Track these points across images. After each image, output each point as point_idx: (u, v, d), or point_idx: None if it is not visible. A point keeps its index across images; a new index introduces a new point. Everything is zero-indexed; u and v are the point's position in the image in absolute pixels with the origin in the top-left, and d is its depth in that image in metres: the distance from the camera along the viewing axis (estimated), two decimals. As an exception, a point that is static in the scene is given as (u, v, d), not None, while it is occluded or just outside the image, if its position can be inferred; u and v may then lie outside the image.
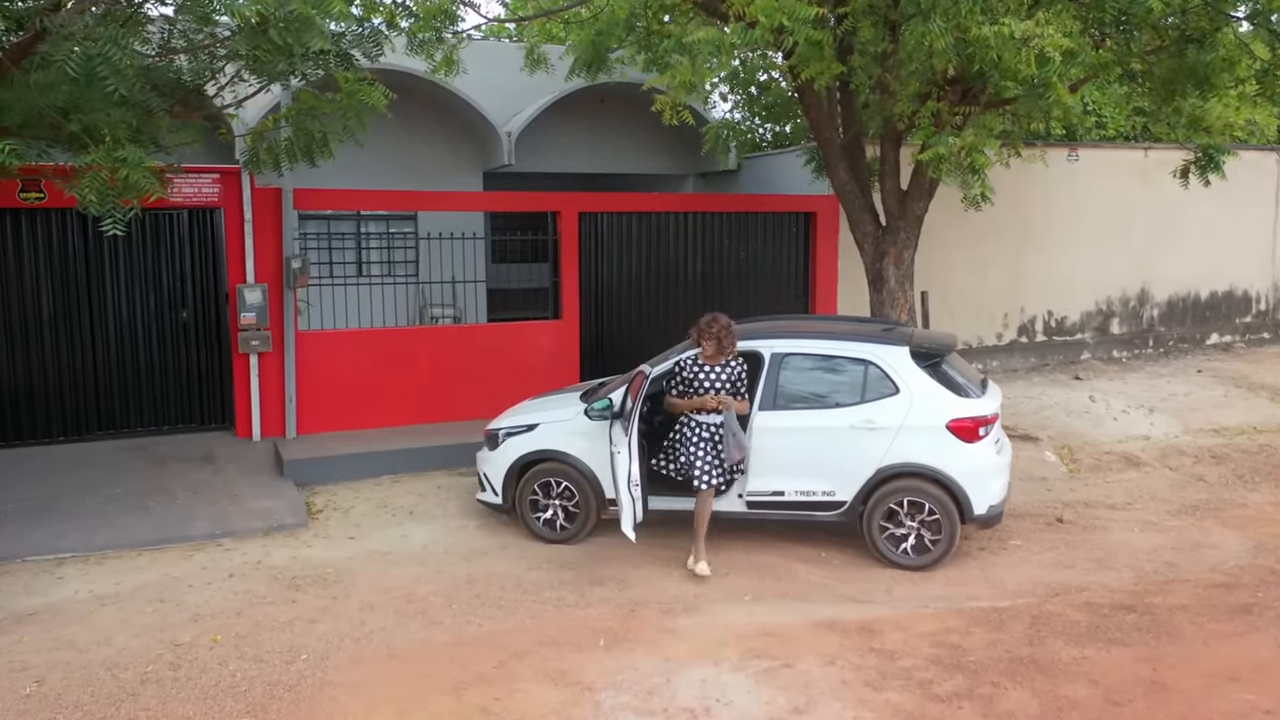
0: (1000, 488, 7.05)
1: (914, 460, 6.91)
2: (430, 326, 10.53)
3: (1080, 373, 13.60)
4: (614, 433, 6.94)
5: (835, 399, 7.19)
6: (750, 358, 7.32)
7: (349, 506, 8.70)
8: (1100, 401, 12.02)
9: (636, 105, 14.61)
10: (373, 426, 10.28)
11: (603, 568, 7.21)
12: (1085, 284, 14.25)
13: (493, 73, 13.95)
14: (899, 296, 10.20)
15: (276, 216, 9.73)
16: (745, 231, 11.95)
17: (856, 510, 7.06)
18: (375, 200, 10.68)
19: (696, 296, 11.76)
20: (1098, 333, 14.45)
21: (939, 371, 7.10)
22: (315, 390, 10.02)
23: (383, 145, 13.59)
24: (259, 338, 9.62)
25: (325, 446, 9.64)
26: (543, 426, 7.76)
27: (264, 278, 9.71)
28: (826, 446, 7.05)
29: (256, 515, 8.20)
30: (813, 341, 7.31)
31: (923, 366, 7.05)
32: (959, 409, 6.92)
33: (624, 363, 11.46)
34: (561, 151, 14.61)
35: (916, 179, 9.82)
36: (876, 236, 10.16)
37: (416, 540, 7.89)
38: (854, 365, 7.17)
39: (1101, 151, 14.45)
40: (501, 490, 7.82)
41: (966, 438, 6.87)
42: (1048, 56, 6.13)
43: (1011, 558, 7.29)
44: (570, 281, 11.06)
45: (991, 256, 13.50)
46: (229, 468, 9.24)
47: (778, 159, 13.94)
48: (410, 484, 9.30)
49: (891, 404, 6.99)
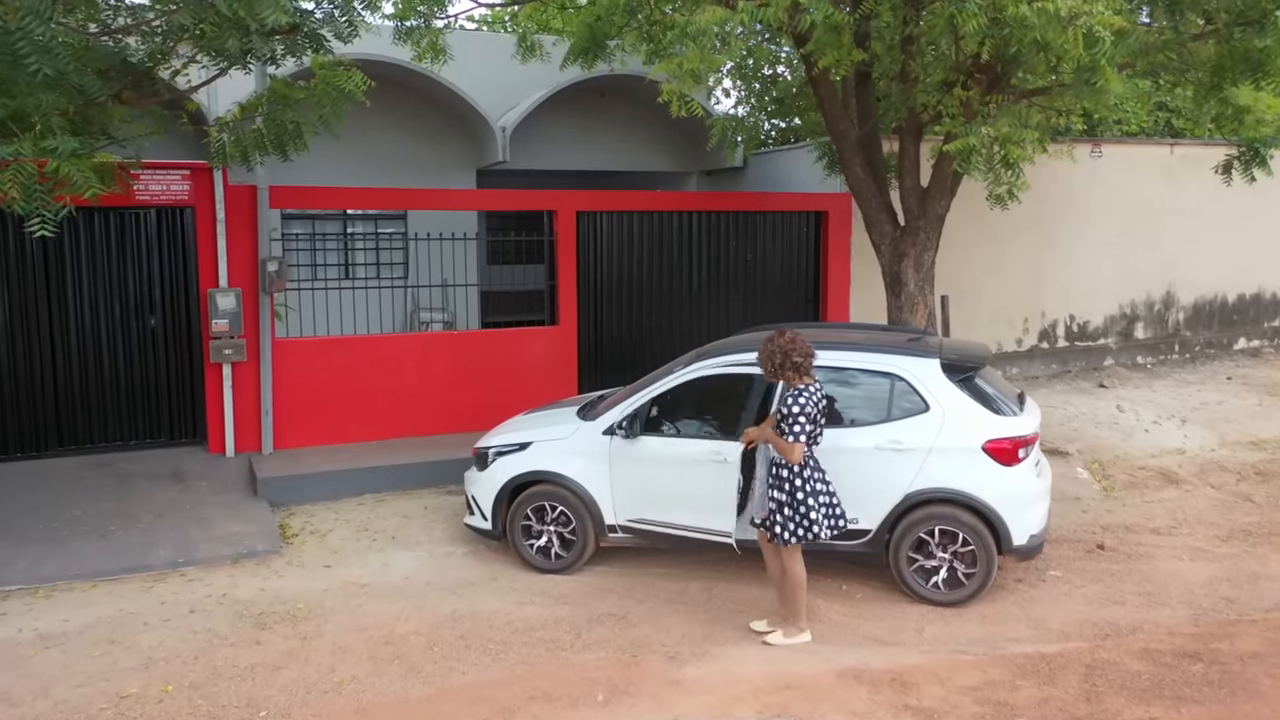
0: (1041, 515, 6.38)
1: (946, 485, 6.24)
2: (418, 333, 9.88)
3: (1104, 380, 12.92)
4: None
5: (858, 417, 6.52)
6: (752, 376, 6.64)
7: (327, 530, 8.03)
8: (1129, 411, 11.35)
9: (637, 99, 13.97)
10: (356, 441, 9.62)
11: (601, 602, 6.54)
12: (1108, 287, 13.58)
13: (486, 65, 13.29)
14: (918, 301, 9.53)
15: (252, 216, 9.06)
16: (752, 232, 11.29)
17: (882, 539, 6.39)
18: (359, 198, 10.01)
19: (701, 301, 11.11)
20: (1121, 338, 13.77)
21: (972, 386, 6.43)
22: (294, 402, 9.36)
23: (370, 141, 12.95)
24: (232, 346, 8.95)
25: (304, 463, 8.98)
26: (536, 445, 7.10)
27: (238, 282, 9.04)
28: (848, 469, 6.35)
29: (225, 541, 7.53)
30: (832, 353, 6.62)
31: (955, 381, 6.37)
32: (996, 428, 6.25)
33: (624, 372, 10.81)
34: (559, 148, 13.94)
35: (938, 175, 9.15)
36: (894, 237, 9.50)
37: (398, 569, 7.22)
38: (878, 379, 6.49)
39: (1125, 148, 13.77)
40: (491, 515, 7.15)
41: (1004, 460, 6.20)
42: (1097, 36, 5.47)
43: (1052, 591, 6.62)
44: (568, 285, 10.39)
45: (1010, 258, 12.83)
46: (199, 487, 8.57)
47: (786, 155, 13.27)
48: (395, 504, 8.64)
49: (921, 423, 6.32)
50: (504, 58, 13.59)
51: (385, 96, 13.04)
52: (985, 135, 6.31)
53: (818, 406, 5.69)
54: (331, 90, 7.22)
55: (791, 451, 5.59)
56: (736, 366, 6.70)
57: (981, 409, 6.32)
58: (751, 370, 6.50)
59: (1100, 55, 5.49)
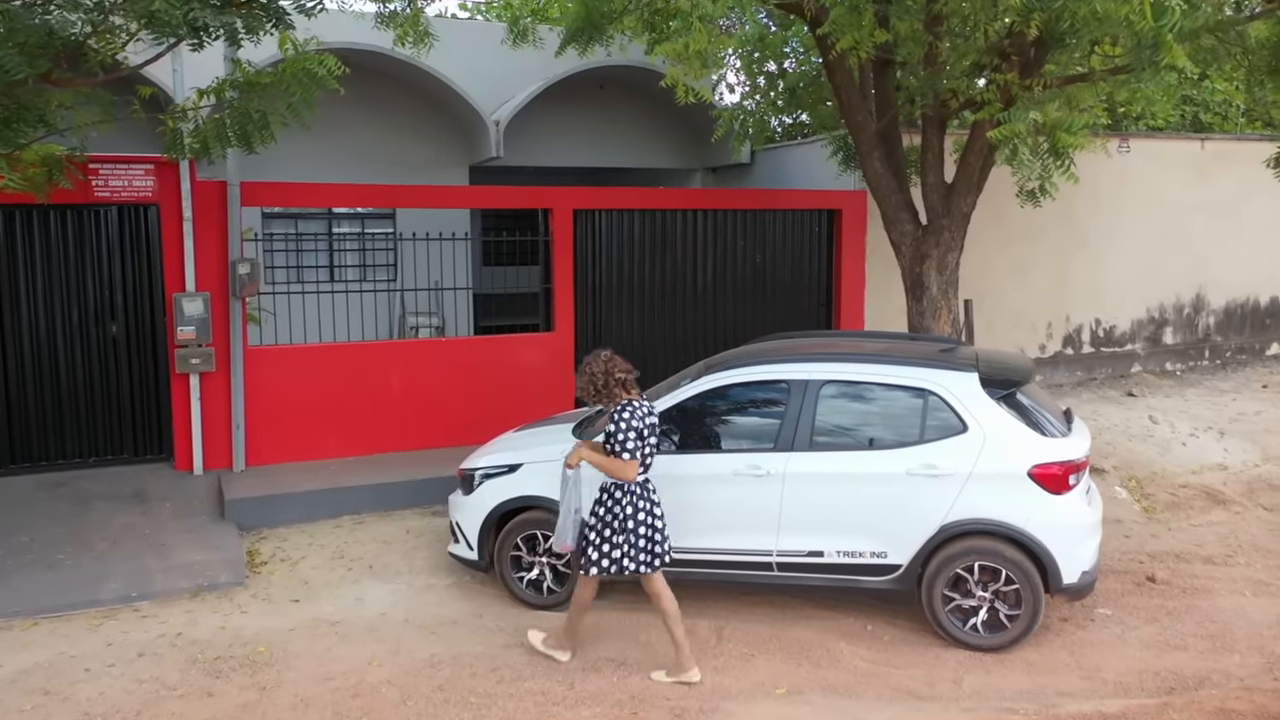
0: (1093, 549, 5.67)
1: (987, 516, 5.54)
2: (402, 341, 9.19)
3: (1133, 388, 12.21)
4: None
5: (885, 438, 5.82)
6: (779, 387, 5.97)
7: (299, 557, 7.33)
8: (1163, 423, 10.64)
9: (639, 92, 13.28)
10: (335, 456, 8.92)
11: (598, 644, 5.84)
12: (1135, 289, 12.86)
13: (480, 56, 12.61)
14: (941, 306, 8.84)
15: (221, 214, 8.36)
16: (761, 231, 10.59)
17: (914, 576, 5.69)
18: (336, 195, 9.31)
19: (707, 305, 10.41)
20: (1149, 343, 13.06)
21: (1015, 403, 5.73)
22: (268, 415, 8.66)
23: (357, 137, 12.27)
24: (200, 355, 8.26)
25: (278, 481, 8.28)
26: (527, 467, 6.39)
27: (206, 285, 8.34)
28: (877, 497, 5.68)
29: (185, 572, 6.83)
30: (858, 365, 5.94)
31: (996, 398, 5.67)
32: (1043, 451, 5.54)
33: (625, 381, 10.11)
34: (556, 143, 13.25)
35: (964, 169, 8.46)
36: (916, 237, 8.80)
37: (374, 604, 6.52)
38: (908, 396, 5.79)
39: (1154, 142, 13.06)
40: (477, 544, 6.45)
41: (1053, 487, 5.49)
42: (1166, 6, 4.77)
43: (1103, 633, 5.91)
44: (564, 288, 9.69)
45: (1033, 259, 12.12)
46: (162, 509, 7.87)
47: (796, 151, 12.56)
48: (375, 527, 7.94)
49: (958, 445, 5.61)
50: (498, 48, 12.85)
51: (373, 89, 12.39)
52: (1032, 121, 5.61)
53: (645, 423, 5.24)
54: (301, 76, 6.55)
55: (625, 470, 5.17)
56: (767, 374, 6.05)
57: (1026, 429, 5.62)
58: (787, 377, 5.91)
59: (1168, 28, 4.80)
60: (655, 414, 5.37)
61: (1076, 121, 5.61)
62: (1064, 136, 5.58)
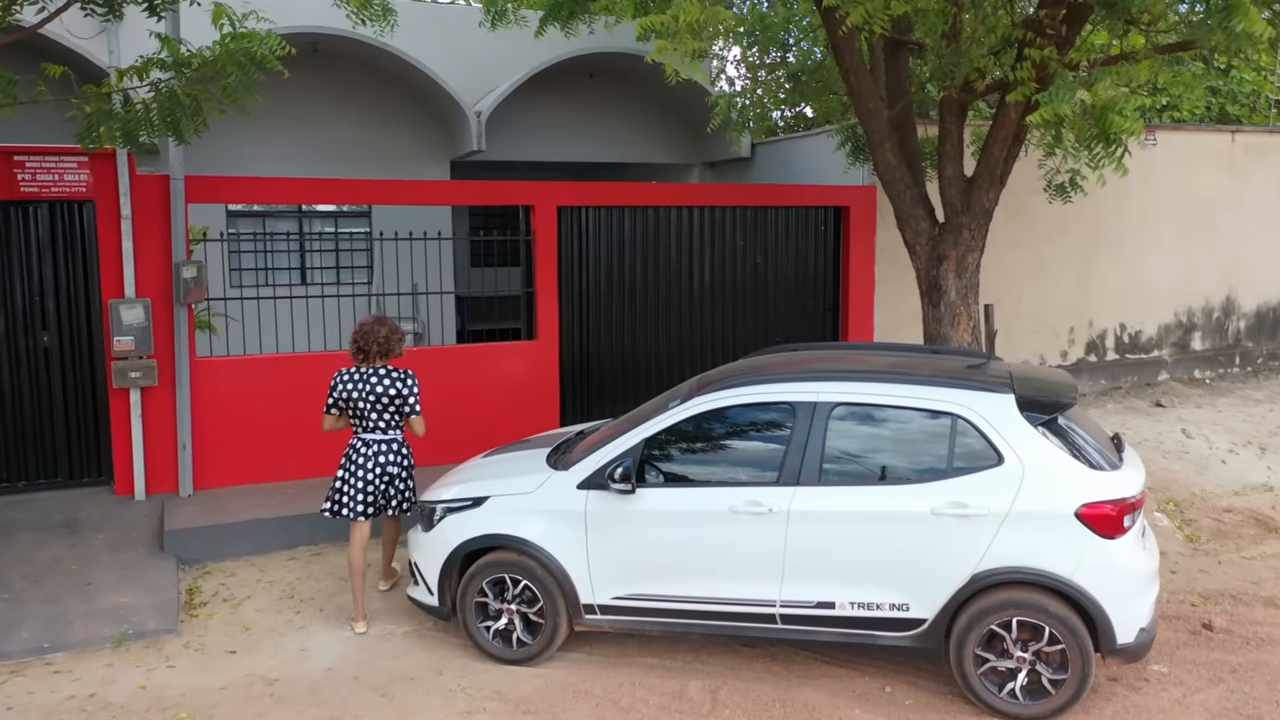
0: (1151, 603, 4.85)
1: (1027, 564, 4.72)
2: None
3: (1161, 398, 11.39)
4: None
5: (908, 471, 5.00)
6: (782, 409, 5.16)
7: (244, 596, 6.53)
8: (1198, 437, 9.83)
9: (632, 82, 12.46)
10: (296, 478, 8.12)
11: (575, 709, 5.03)
12: (1162, 291, 12.04)
13: (461, 43, 11.82)
14: (960, 312, 8.03)
15: (164, 212, 7.56)
16: (762, 230, 9.78)
17: (940, 632, 4.87)
18: (294, 190, 8.47)
19: (704, 311, 9.61)
20: (1177, 349, 12.24)
21: (1058, 430, 4.91)
22: (219, 434, 7.86)
23: (330, 130, 11.46)
24: (139, 368, 7.45)
25: (226, 508, 7.48)
26: (494, 501, 5.58)
27: (148, 291, 7.54)
28: (897, 541, 4.87)
29: (110, 617, 6.03)
30: (874, 385, 5.12)
31: (1037, 424, 4.86)
32: (1094, 488, 4.73)
33: (614, 394, 9.30)
34: (544, 137, 12.44)
35: (985, 161, 7.66)
36: (933, 236, 7.99)
37: (320, 656, 5.71)
38: (934, 421, 4.98)
39: (1182, 135, 12.23)
40: (437, 588, 5.64)
41: (1105, 530, 4.67)
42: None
43: (1160, 698, 5.08)
44: (548, 293, 8.89)
45: (1053, 259, 11.31)
46: (94, 541, 7.07)
47: (800, 144, 11.74)
48: (333, 560, 7.13)
49: (993, 479, 4.80)
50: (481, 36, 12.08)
51: (346, 78, 11.57)
52: (1078, 102, 4.79)
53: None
54: (238, 56, 5.76)
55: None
56: (768, 395, 5.23)
57: (1073, 461, 4.80)
58: (792, 398, 5.14)
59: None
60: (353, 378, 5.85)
61: (1131, 102, 4.80)
62: (1117, 119, 4.77)
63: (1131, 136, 4.81)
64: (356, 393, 5.78)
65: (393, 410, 5.84)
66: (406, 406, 5.86)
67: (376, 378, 5.81)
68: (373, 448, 5.88)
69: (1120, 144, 4.91)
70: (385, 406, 5.82)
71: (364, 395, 5.78)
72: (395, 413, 5.86)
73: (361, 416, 5.85)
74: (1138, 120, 4.86)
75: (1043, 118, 4.95)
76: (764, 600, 5.07)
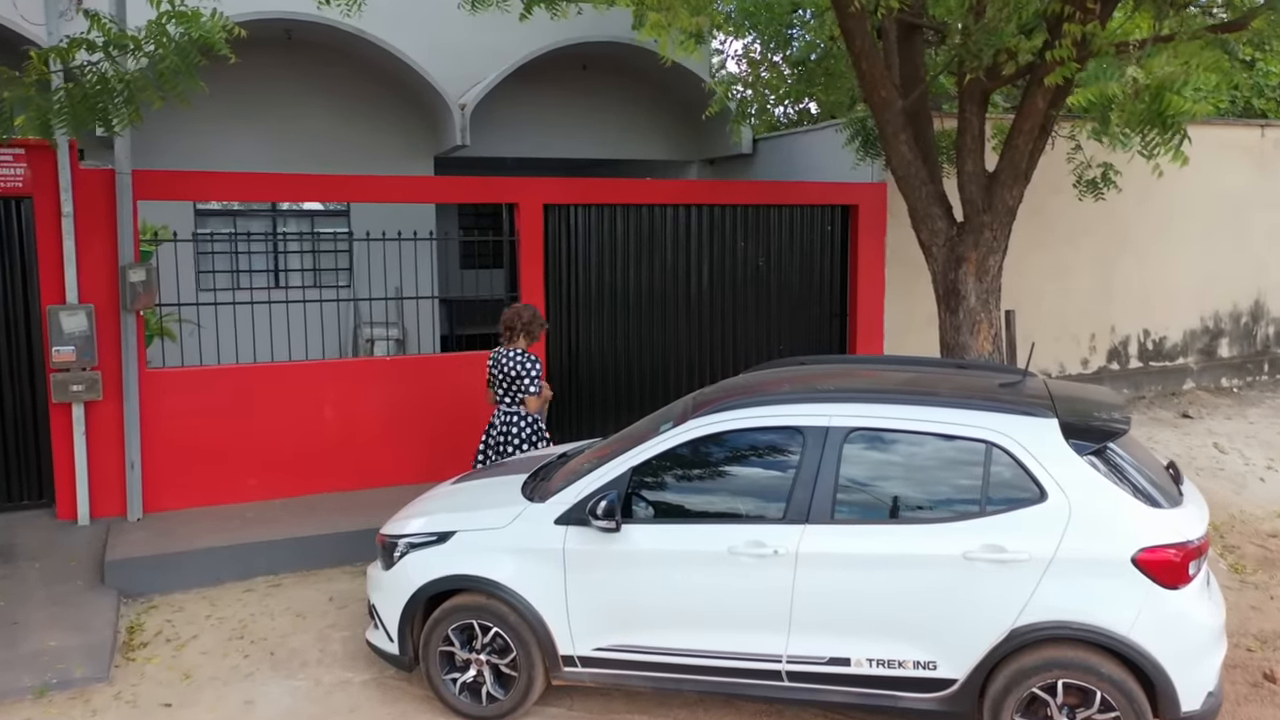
0: (1219, 663, 4.19)
1: (1076, 618, 4.06)
2: (340, 360, 7.74)
3: (1188, 408, 10.74)
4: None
5: (936, 508, 4.34)
6: (790, 435, 4.50)
7: (190, 636, 5.87)
8: (1231, 452, 9.18)
9: (627, 74, 11.80)
10: (257, 499, 7.48)
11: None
12: (1188, 295, 11.40)
13: (445, 32, 11.16)
14: (981, 319, 7.37)
15: (110, 209, 6.90)
16: (764, 230, 9.13)
17: (972, 694, 4.21)
18: (256, 187, 7.79)
19: (700, 317, 8.96)
20: (1203, 356, 11.58)
21: (1110, 460, 4.25)
22: (172, 451, 7.21)
23: (307, 124, 10.80)
24: (82, 380, 6.80)
25: (177, 535, 6.82)
26: (461, 537, 4.92)
27: (91, 296, 6.88)
28: (923, 589, 4.21)
29: (33, 663, 5.37)
30: (895, 407, 4.47)
31: (1086, 453, 4.19)
32: (1153, 529, 4.07)
33: (605, 407, 8.64)
34: (534, 132, 11.79)
35: (1009, 154, 7.01)
36: (950, 236, 7.34)
37: (266, 710, 5.05)
38: (967, 450, 4.31)
39: (1208, 130, 11.52)
40: (398, 634, 4.98)
41: (1167, 579, 4.01)
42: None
43: (1225, 767, 4.42)
44: (533, 298, 8.22)
45: (1073, 261, 10.66)
46: (29, 572, 6.41)
47: (805, 138, 11.08)
48: (292, 592, 6.48)
49: (1034, 518, 4.14)
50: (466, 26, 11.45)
51: (324, 69, 10.89)
52: (1129, 80, 4.13)
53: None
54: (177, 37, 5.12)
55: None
56: (774, 418, 4.57)
57: (1128, 497, 4.14)
58: (800, 422, 4.48)
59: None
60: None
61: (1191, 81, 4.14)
62: (1175, 100, 4.11)
63: (1192, 119, 4.15)
64: (496, 369, 6.48)
65: (517, 387, 6.43)
66: (520, 385, 6.41)
67: (508, 357, 6.43)
68: (500, 418, 6.56)
69: (1179, 129, 4.26)
70: (511, 383, 6.41)
71: (498, 372, 6.47)
72: (517, 389, 6.44)
73: (498, 389, 6.53)
74: (1198, 101, 4.21)
75: (1088, 98, 4.28)
76: (768, 655, 4.41)
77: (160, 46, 5.18)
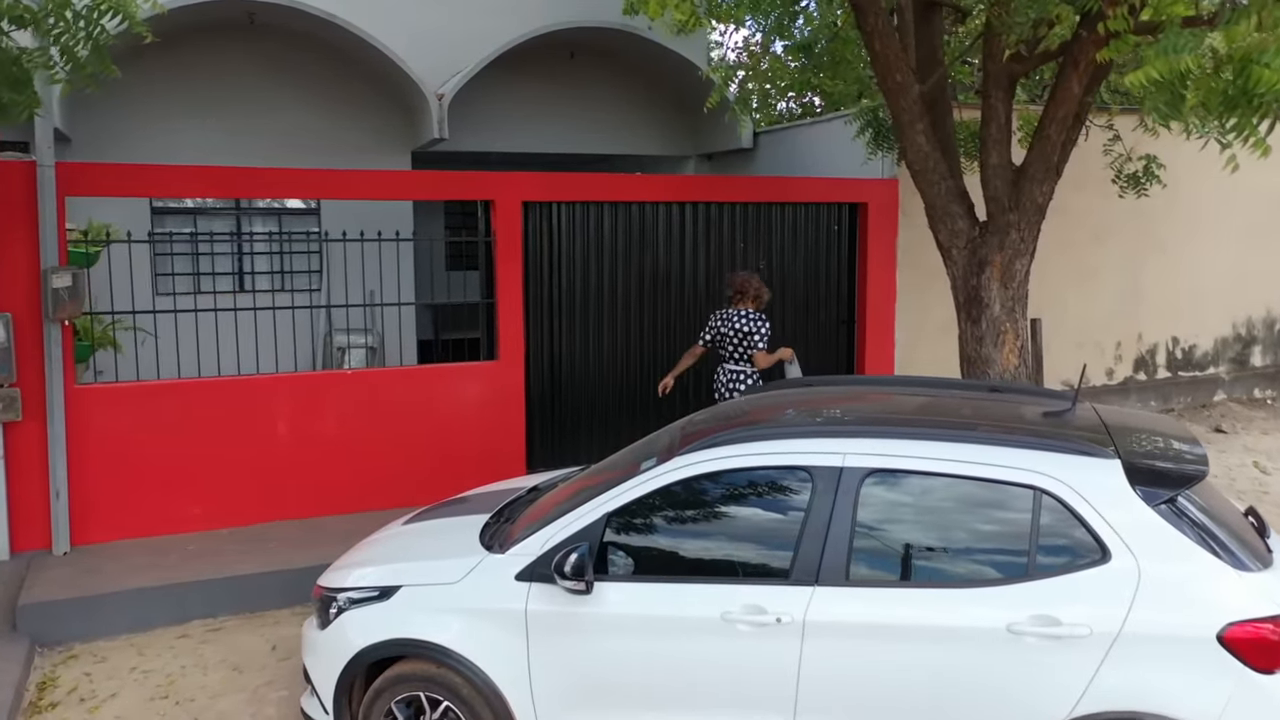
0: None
1: (1149, 707, 3.30)
2: (297, 374, 6.99)
3: (1221, 422, 10.00)
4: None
5: (972, 569, 3.58)
6: (795, 476, 3.75)
7: (108, 694, 5.13)
8: (1275, 473, 8.44)
9: (618, 63, 11.04)
10: (202, 529, 6.74)
11: None
12: (1219, 300, 10.66)
13: (423, 18, 10.46)
14: (1006, 329, 6.65)
15: (30, 207, 6.15)
16: (766, 230, 8.39)
17: (1018, 798, 3.45)
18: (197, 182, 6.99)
19: (696, 324, 8.19)
20: (1235, 365, 10.83)
21: (1182, 511, 3.49)
22: (105, 476, 6.47)
23: (274, 116, 10.05)
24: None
25: (106, 572, 6.07)
26: (407, 592, 4.16)
27: (8, 304, 6.13)
28: (957, 669, 3.45)
29: (-85, 732, 4.63)
30: (922, 444, 3.71)
31: (1157, 503, 3.44)
32: (1243, 598, 3.31)
33: (591, 426, 7.89)
34: (520, 126, 11.05)
35: (1040, 145, 6.30)
36: (972, 237, 6.62)
37: (179, 796, 4.31)
38: (1012, 497, 3.56)
39: (1241, 123, 10.80)
40: (334, 705, 4.22)
41: (1263, 661, 3.26)
42: None
43: None
44: (511, 304, 7.49)
45: (1098, 264, 9.92)
46: (-68, 616, 5.67)
47: (810, 131, 10.33)
48: (232, 638, 5.74)
49: (1096, 583, 3.39)
50: (446, 10, 10.74)
51: (290, 57, 10.06)
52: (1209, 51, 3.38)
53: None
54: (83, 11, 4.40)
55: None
56: (775, 455, 3.81)
57: (1210, 557, 3.38)
58: (808, 461, 3.72)
59: None
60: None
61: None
62: (1264, 73, 3.37)
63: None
64: (725, 327, 6.76)
65: (748, 344, 6.71)
66: (750, 342, 6.70)
67: (741, 317, 6.73)
68: (729, 374, 6.81)
69: (1270, 109, 3.51)
70: (742, 339, 6.70)
71: (727, 330, 6.74)
72: (747, 346, 6.71)
73: (723, 348, 6.82)
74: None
75: (1154, 76, 3.52)
76: (764, 742, 3.66)
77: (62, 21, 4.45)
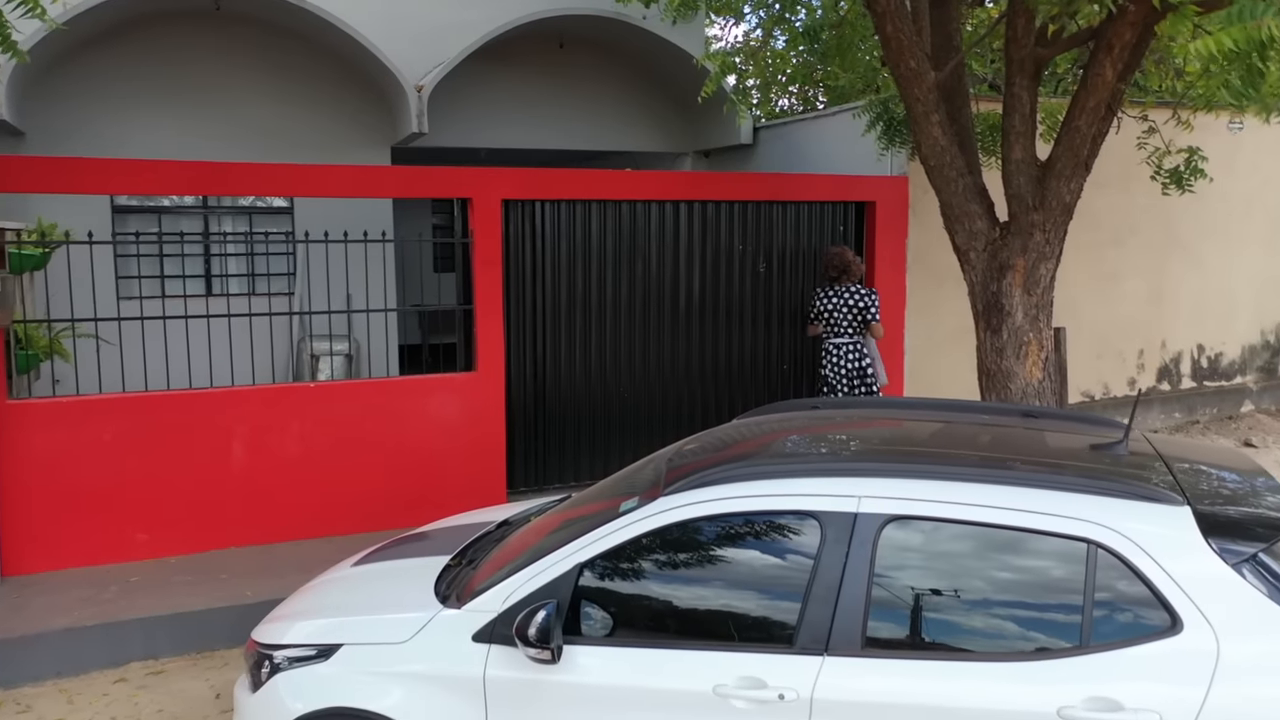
0: None
1: (1230, 815, 2.72)
2: (253, 388, 6.40)
3: (1250, 435, 9.42)
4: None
5: (1013, 638, 3.00)
6: (802, 522, 3.17)
7: (25, 753, 4.55)
8: (1313, 492, 7.82)
9: (610, 53, 10.45)
10: (149, 557, 6.18)
11: None
12: (1246, 305, 10.09)
13: (404, 7, 9.88)
14: (1029, 339, 6.09)
15: (-45, 205, 5.58)
16: (766, 231, 7.81)
17: None
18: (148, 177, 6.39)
19: (693, 333, 7.64)
20: (1263, 374, 10.25)
21: (1266, 569, 2.91)
22: (40, 500, 5.90)
23: (246, 107, 9.49)
24: (-83, 418, 5.48)
25: (35, 607, 5.50)
26: (349, 652, 3.57)
27: (-69, 312, 5.57)
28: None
29: None
30: (951, 485, 3.12)
31: (1237, 562, 2.86)
32: (1345, 681, 2.73)
33: (580, 449, 7.31)
34: (506, 120, 10.48)
35: (1068, 138, 5.73)
36: (992, 239, 6.06)
37: None
38: (1061, 551, 2.98)
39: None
40: (267, 780, 3.65)
41: (1370, 758, 2.68)
42: None
43: None
44: (490, 311, 6.91)
45: (1119, 267, 9.34)
46: None
47: (813, 126, 9.75)
48: (173, 682, 5.16)
49: (1164, 656, 2.81)
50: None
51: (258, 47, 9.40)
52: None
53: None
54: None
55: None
56: (777, 498, 3.21)
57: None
58: (816, 506, 3.14)
59: None
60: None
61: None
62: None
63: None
64: (838, 302, 6.94)
65: (865, 317, 6.96)
66: (868, 315, 6.95)
67: (851, 293, 6.95)
68: (838, 352, 6.96)
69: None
70: (858, 314, 6.93)
71: (836, 306, 6.94)
72: (860, 321, 6.96)
73: (832, 324, 6.98)
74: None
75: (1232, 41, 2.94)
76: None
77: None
